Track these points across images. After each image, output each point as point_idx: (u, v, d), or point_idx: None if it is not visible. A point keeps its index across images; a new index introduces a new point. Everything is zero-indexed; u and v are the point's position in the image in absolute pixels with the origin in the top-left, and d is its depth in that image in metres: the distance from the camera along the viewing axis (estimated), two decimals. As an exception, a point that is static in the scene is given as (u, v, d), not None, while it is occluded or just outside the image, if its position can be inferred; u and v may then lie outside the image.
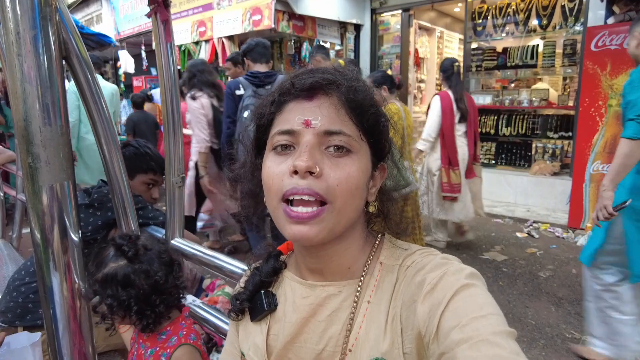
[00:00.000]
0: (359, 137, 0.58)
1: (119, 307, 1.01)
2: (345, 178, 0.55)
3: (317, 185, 0.54)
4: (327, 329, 0.61)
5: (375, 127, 0.61)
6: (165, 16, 1.12)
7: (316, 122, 0.56)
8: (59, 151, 0.97)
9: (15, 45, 0.90)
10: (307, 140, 0.56)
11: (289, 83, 0.59)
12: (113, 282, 1.03)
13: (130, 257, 1.05)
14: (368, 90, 0.62)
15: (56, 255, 1.05)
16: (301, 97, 0.58)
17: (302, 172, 0.53)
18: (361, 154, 0.58)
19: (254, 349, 0.68)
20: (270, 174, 0.57)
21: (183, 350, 1.03)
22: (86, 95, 1.13)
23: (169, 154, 1.29)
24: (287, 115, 0.59)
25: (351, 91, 0.58)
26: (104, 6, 9.52)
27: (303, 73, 0.61)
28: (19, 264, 2.23)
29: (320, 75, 0.58)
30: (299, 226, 0.55)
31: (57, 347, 1.14)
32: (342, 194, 0.55)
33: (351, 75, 0.61)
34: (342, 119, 0.57)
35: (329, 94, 0.58)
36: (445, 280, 0.53)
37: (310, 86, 0.58)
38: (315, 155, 0.55)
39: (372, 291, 0.60)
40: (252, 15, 5.87)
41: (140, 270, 1.04)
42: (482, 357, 0.42)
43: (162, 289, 1.05)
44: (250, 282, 0.71)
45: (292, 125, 0.57)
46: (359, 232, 0.64)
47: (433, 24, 7.68)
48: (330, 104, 0.58)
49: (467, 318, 0.47)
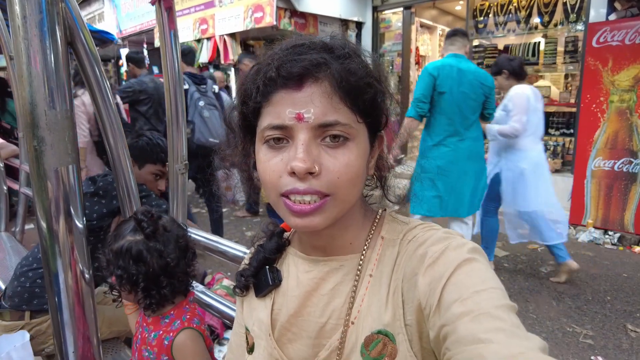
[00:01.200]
0: (356, 122, 0.55)
1: (127, 281, 1.02)
2: (345, 169, 0.53)
3: (317, 184, 0.53)
4: (329, 302, 0.62)
5: (372, 105, 0.57)
6: (169, 3, 1.13)
7: (309, 115, 0.52)
8: (64, 135, 0.98)
9: (21, 29, 0.91)
10: (302, 137, 0.52)
11: (274, 70, 0.53)
12: (126, 255, 1.03)
13: (147, 234, 1.06)
14: (363, 67, 0.56)
15: (61, 238, 1.06)
16: (289, 86, 0.53)
17: (301, 174, 0.51)
18: (359, 139, 0.56)
19: (259, 323, 0.69)
20: (265, 169, 0.55)
21: (185, 334, 1.04)
22: (91, 82, 1.14)
23: (172, 141, 1.30)
24: (276, 107, 0.54)
25: (344, 74, 0.53)
26: (106, 4, 9.54)
27: (287, 54, 0.54)
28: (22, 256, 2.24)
29: (307, 58, 0.52)
30: (303, 219, 0.54)
31: (61, 333, 1.15)
32: (344, 185, 0.54)
33: (343, 52, 0.55)
34: (336, 107, 0.53)
35: (320, 80, 0.53)
36: (447, 254, 0.53)
37: (298, 74, 0.52)
38: (312, 152, 0.52)
39: (373, 265, 0.61)
40: (253, 13, 5.88)
41: (154, 249, 1.05)
42: (483, 329, 0.43)
43: (171, 271, 1.06)
44: (254, 258, 0.72)
45: (283, 120, 0.53)
46: (358, 207, 0.64)
47: (434, 21, 7.68)
48: (322, 91, 0.52)
49: (468, 291, 0.47)
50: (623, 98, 4.01)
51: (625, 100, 4.00)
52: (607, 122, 4.13)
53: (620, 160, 4.09)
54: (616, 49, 3.99)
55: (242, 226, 4.69)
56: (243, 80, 0.59)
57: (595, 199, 4.28)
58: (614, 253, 3.85)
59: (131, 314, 1.22)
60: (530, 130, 3.09)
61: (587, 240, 4.12)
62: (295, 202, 0.54)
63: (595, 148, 4.22)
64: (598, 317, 2.75)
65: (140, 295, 1.04)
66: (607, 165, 4.17)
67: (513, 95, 3.11)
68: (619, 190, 4.13)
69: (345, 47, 0.56)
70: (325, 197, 0.54)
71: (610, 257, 3.75)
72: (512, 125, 3.01)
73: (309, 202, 0.53)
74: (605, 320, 2.71)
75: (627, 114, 4.01)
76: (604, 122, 4.15)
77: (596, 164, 4.23)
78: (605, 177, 4.19)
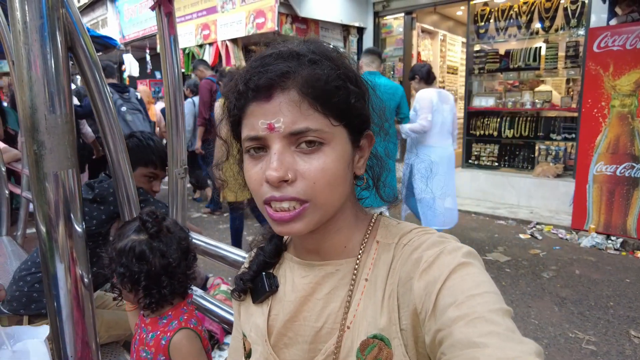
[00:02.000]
0: (330, 125, 0.55)
1: (129, 279, 1.04)
2: (322, 174, 0.54)
3: (293, 191, 0.53)
4: (325, 307, 0.62)
5: (346, 107, 0.57)
6: (169, 9, 1.14)
7: (279, 125, 0.53)
8: (63, 139, 0.98)
9: (22, 34, 0.92)
10: (275, 147, 0.54)
11: (243, 84, 0.55)
12: (129, 253, 1.06)
13: (151, 233, 1.08)
14: (333, 70, 0.55)
15: (60, 242, 1.07)
16: (258, 98, 0.54)
17: (275, 183, 0.53)
18: (335, 141, 0.55)
19: (255, 329, 0.69)
20: (249, 178, 0.58)
21: (182, 334, 1.04)
22: (91, 87, 1.15)
23: (172, 145, 1.30)
24: (250, 119, 0.56)
25: (310, 80, 0.53)
26: (109, 10, 9.62)
27: (257, 66, 0.55)
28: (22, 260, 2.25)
29: (273, 69, 0.53)
30: (284, 226, 0.56)
31: (60, 337, 1.15)
32: (321, 190, 0.54)
33: (311, 57, 0.55)
34: (305, 114, 0.53)
35: (287, 89, 0.53)
36: (442, 258, 0.53)
37: (265, 86, 0.53)
38: (285, 160, 0.53)
39: (369, 269, 0.61)
40: (255, 18, 5.92)
41: (157, 249, 1.07)
42: (478, 333, 0.43)
43: (173, 272, 1.08)
44: (254, 262, 0.72)
45: (257, 132, 0.54)
46: (348, 210, 0.64)
47: (436, 27, 7.71)
48: (290, 100, 0.53)
49: (463, 296, 0.47)
50: (624, 103, 4.01)
51: (627, 105, 4.00)
52: (608, 127, 4.12)
53: (622, 165, 4.08)
54: (617, 54, 3.99)
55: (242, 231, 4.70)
56: (224, 92, 0.61)
57: (597, 204, 4.27)
58: (617, 258, 3.83)
59: (132, 310, 1.22)
60: (436, 128, 3.65)
61: (589, 245, 4.10)
62: (275, 209, 0.55)
63: (597, 153, 4.21)
64: (601, 323, 2.73)
65: (141, 295, 1.05)
66: (609, 170, 4.16)
67: (418, 97, 3.71)
68: (621, 195, 4.11)
69: (314, 52, 0.57)
70: (305, 203, 0.54)
71: (612, 262, 3.73)
72: (420, 123, 3.60)
73: (288, 209, 0.54)
74: (608, 326, 2.69)
75: (628, 119, 4.01)
76: (605, 126, 4.14)
77: (598, 169, 4.22)
78: (607, 182, 4.18)
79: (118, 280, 1.06)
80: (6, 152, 2.95)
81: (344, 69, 0.58)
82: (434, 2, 6.29)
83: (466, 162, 6.09)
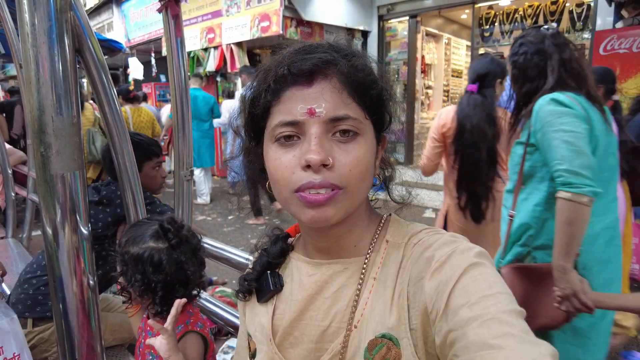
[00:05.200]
0: (364, 117, 0.56)
1: (146, 288, 1.02)
2: (357, 163, 0.54)
3: (331, 177, 0.53)
4: (332, 306, 0.61)
5: (379, 103, 0.59)
6: (176, 11, 1.14)
7: (320, 109, 0.53)
8: (70, 141, 0.98)
9: (30, 37, 0.92)
10: (314, 131, 0.53)
11: (285, 69, 0.55)
12: (147, 262, 1.03)
13: (173, 244, 1.06)
14: (368, 65, 0.59)
15: (66, 244, 1.06)
16: (299, 83, 0.54)
17: (316, 166, 0.52)
18: (367, 134, 0.57)
19: (260, 329, 0.68)
20: (277, 166, 0.56)
21: (188, 337, 1.04)
22: (98, 89, 1.15)
23: (177, 148, 1.30)
24: (287, 104, 0.55)
25: (352, 70, 0.55)
26: (115, 14, 9.69)
27: (296, 54, 0.56)
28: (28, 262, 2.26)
29: (316, 56, 0.54)
30: (317, 209, 0.54)
31: (65, 340, 1.15)
32: (355, 178, 0.55)
33: (349, 51, 0.58)
34: (345, 102, 0.54)
35: (329, 76, 0.55)
36: (453, 258, 0.52)
37: (309, 70, 0.54)
38: (325, 145, 0.53)
39: (378, 268, 0.60)
40: (260, 22, 5.94)
41: (176, 260, 1.05)
42: (492, 335, 0.42)
43: (188, 282, 1.07)
44: (258, 262, 0.72)
45: (295, 116, 0.54)
46: (364, 209, 0.64)
47: (440, 30, 7.71)
48: (332, 87, 0.54)
49: (476, 296, 0.47)
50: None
51: (634, 108, 3.97)
52: (615, 130, 4.09)
53: (629, 168, 4.04)
54: (623, 57, 3.97)
55: (247, 233, 4.69)
56: (250, 84, 0.61)
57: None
58: (624, 263, 3.79)
59: (133, 316, 1.21)
60: None
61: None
62: (310, 193, 0.54)
63: (604, 156, 4.18)
64: (608, 328, 2.70)
65: (158, 301, 1.04)
66: (615, 173, 4.13)
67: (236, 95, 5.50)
68: (628, 199, 4.07)
69: (350, 47, 0.59)
70: (338, 189, 0.54)
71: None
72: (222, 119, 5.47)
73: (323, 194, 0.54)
74: (614, 332, 2.65)
75: (635, 122, 3.98)
76: (612, 130, 4.11)
77: (605, 173, 4.19)
78: (614, 185, 4.14)
79: (132, 285, 1.04)
80: (12, 154, 2.97)
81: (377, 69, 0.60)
82: (439, 6, 6.29)
83: (471, 166, 6.06)
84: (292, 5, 5.70)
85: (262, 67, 0.60)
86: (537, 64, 1.46)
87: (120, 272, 1.07)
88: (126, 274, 1.05)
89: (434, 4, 6.28)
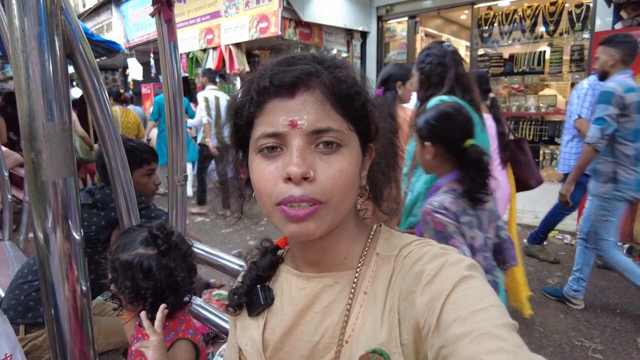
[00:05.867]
0: (348, 129, 0.56)
1: (136, 294, 1.01)
2: (339, 175, 0.54)
3: (312, 190, 0.53)
4: (323, 320, 0.60)
5: (363, 114, 0.58)
6: (169, 15, 1.13)
7: (302, 122, 0.53)
8: (61, 147, 0.98)
9: (20, 42, 0.91)
10: (296, 144, 0.53)
11: (267, 80, 0.54)
12: (137, 268, 1.03)
13: (162, 250, 1.06)
14: (352, 76, 0.58)
15: (58, 251, 1.06)
16: (282, 94, 0.54)
17: (297, 179, 0.52)
18: (351, 146, 0.56)
19: (251, 343, 0.67)
20: (260, 178, 0.55)
21: (179, 344, 1.03)
22: (90, 93, 1.14)
23: (172, 153, 1.29)
24: (269, 116, 0.55)
25: (335, 82, 0.55)
26: (114, 15, 9.68)
27: (279, 65, 0.56)
28: (24, 265, 2.25)
29: (299, 68, 0.54)
30: (299, 224, 0.54)
31: (57, 346, 1.14)
32: (337, 192, 0.54)
33: (332, 63, 0.57)
34: (328, 114, 0.54)
35: (311, 88, 0.54)
36: (444, 271, 0.52)
37: (291, 82, 0.54)
38: (307, 157, 0.53)
39: (368, 282, 0.59)
40: (259, 23, 5.93)
41: (165, 266, 1.05)
42: (484, 350, 0.41)
43: (178, 288, 1.06)
44: (247, 276, 0.71)
45: (277, 128, 0.54)
46: (351, 221, 0.63)
47: (439, 31, 7.69)
48: (315, 99, 0.54)
49: (467, 311, 0.46)
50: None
51: (633, 110, 3.95)
52: (614, 132, 4.08)
53: (628, 170, 4.03)
54: (623, 58, 3.95)
55: (246, 235, 4.69)
56: (235, 94, 0.61)
57: (603, 209, 4.22)
58: (623, 264, 3.78)
59: (127, 323, 1.21)
60: None
61: (595, 251, 4.05)
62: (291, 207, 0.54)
63: (603, 158, 4.16)
64: (607, 330, 2.69)
65: (147, 308, 1.03)
66: (614, 175, 4.11)
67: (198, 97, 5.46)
68: (628, 200, 4.06)
69: (333, 59, 0.59)
70: (320, 204, 0.54)
71: (619, 268, 3.68)
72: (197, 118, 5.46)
73: (304, 207, 0.53)
74: (615, 334, 2.65)
75: (634, 123, 3.96)
76: (611, 131, 4.10)
77: (604, 174, 4.17)
78: (613, 187, 4.13)
79: (122, 292, 1.04)
80: (8, 156, 2.96)
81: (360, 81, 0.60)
82: (438, 6, 6.28)
83: (470, 167, 6.04)
84: (291, 6, 5.69)
85: (248, 78, 0.60)
86: (439, 73, 1.94)
87: (111, 279, 1.06)
88: (116, 280, 1.04)
89: (433, 4, 6.27)
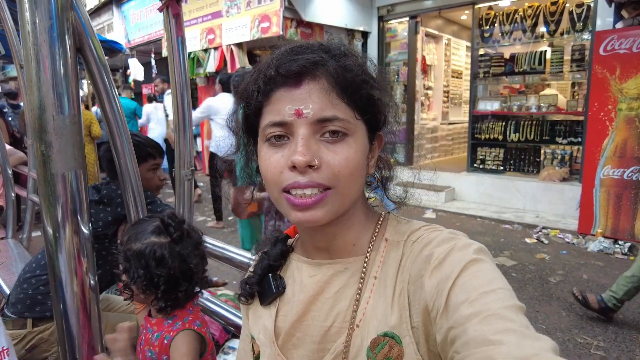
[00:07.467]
0: (354, 118, 0.56)
1: (149, 282, 1.02)
2: (345, 163, 0.54)
3: (318, 177, 0.53)
4: (334, 306, 0.61)
5: (369, 103, 0.58)
6: (177, 10, 1.14)
7: (307, 110, 0.53)
8: (71, 140, 0.98)
9: (31, 35, 0.92)
10: (301, 132, 0.54)
11: (273, 70, 0.55)
12: (150, 256, 1.03)
13: (175, 238, 1.06)
14: (359, 65, 0.58)
15: (67, 244, 1.06)
16: (288, 84, 0.55)
17: (301, 167, 0.52)
18: (357, 134, 0.57)
19: (264, 331, 0.68)
20: (267, 166, 0.56)
21: (185, 334, 1.04)
22: (99, 88, 1.15)
23: (179, 147, 1.30)
24: (276, 105, 0.55)
25: (340, 71, 0.55)
26: (115, 15, 9.70)
27: (286, 54, 0.56)
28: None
29: (304, 57, 0.54)
30: (304, 212, 0.55)
31: (66, 340, 1.14)
32: (344, 179, 0.55)
33: (339, 51, 0.57)
34: (333, 103, 0.54)
35: (317, 77, 0.55)
36: (453, 255, 0.52)
37: (297, 71, 0.54)
38: (311, 146, 0.53)
39: (378, 267, 0.60)
40: (260, 23, 5.94)
41: (178, 253, 1.05)
42: (493, 331, 0.42)
43: (192, 275, 1.07)
44: (259, 266, 0.72)
45: (283, 117, 0.54)
46: (360, 208, 0.64)
47: (440, 31, 7.71)
48: (320, 88, 0.54)
49: (476, 293, 0.47)
50: (632, 106, 3.98)
51: (634, 109, 3.97)
52: (615, 131, 4.09)
53: (629, 168, 4.04)
54: (624, 57, 3.97)
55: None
56: (245, 83, 0.61)
57: (604, 208, 4.23)
58: (625, 263, 3.78)
59: (139, 312, 1.22)
60: None
61: (596, 249, 4.06)
62: (296, 196, 0.54)
63: (604, 156, 4.18)
64: (610, 328, 2.70)
65: (161, 296, 1.04)
66: (616, 173, 4.13)
67: None
68: (629, 199, 4.07)
69: (341, 47, 0.59)
70: (327, 190, 0.54)
71: (620, 267, 3.68)
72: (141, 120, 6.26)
73: (309, 196, 0.54)
74: (617, 332, 2.65)
75: (635, 122, 3.98)
76: (612, 130, 4.11)
77: (605, 173, 4.19)
78: (615, 185, 4.14)
79: (135, 282, 1.04)
80: (12, 154, 2.96)
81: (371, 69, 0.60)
82: (439, 7, 6.29)
83: (471, 166, 6.06)
84: (292, 6, 5.70)
85: (256, 66, 0.60)
86: None
87: (123, 269, 1.06)
88: (129, 270, 1.05)
89: (434, 4, 6.29)
